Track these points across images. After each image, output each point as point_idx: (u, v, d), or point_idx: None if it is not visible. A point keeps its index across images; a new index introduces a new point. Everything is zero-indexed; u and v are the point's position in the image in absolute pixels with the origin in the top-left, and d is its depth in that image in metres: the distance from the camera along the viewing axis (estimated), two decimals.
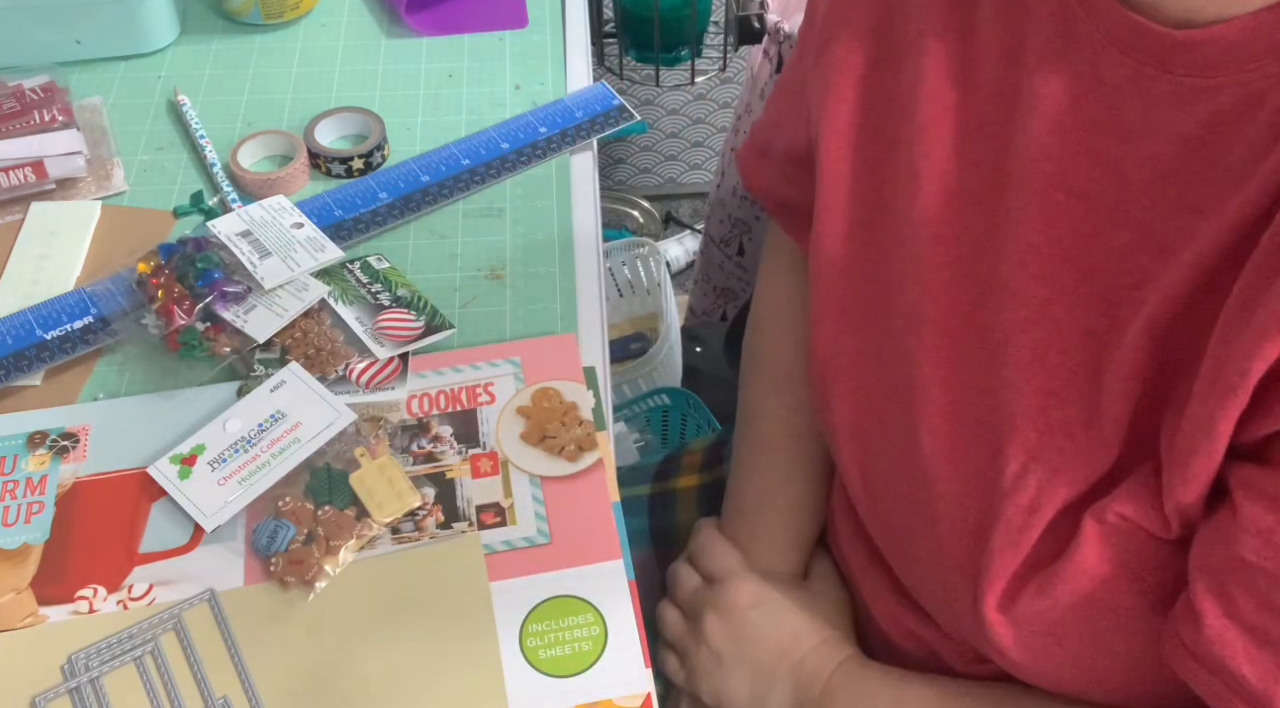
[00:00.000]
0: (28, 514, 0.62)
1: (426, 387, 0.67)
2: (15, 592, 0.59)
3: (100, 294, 0.71)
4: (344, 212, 0.77)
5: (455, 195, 0.79)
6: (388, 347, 0.68)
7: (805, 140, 0.66)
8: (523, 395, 0.67)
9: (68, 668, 0.56)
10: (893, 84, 0.58)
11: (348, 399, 0.66)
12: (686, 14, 1.43)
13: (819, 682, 0.63)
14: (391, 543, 0.61)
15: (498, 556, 0.60)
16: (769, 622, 0.66)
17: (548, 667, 0.56)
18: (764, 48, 1.17)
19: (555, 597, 0.58)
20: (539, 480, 0.63)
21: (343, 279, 0.72)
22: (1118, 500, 0.48)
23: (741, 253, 1.29)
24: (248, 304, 0.69)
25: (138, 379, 0.68)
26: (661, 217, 1.84)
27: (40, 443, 0.64)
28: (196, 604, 0.58)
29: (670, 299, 1.47)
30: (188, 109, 0.85)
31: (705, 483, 0.87)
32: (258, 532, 0.60)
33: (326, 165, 0.81)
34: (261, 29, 0.93)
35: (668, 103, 1.91)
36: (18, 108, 0.80)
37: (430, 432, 0.65)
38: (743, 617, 0.66)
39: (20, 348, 0.68)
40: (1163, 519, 0.47)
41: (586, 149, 0.83)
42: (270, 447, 0.63)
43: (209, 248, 0.71)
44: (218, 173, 0.80)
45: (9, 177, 0.77)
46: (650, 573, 0.82)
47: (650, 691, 0.55)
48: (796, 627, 0.65)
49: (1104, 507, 0.48)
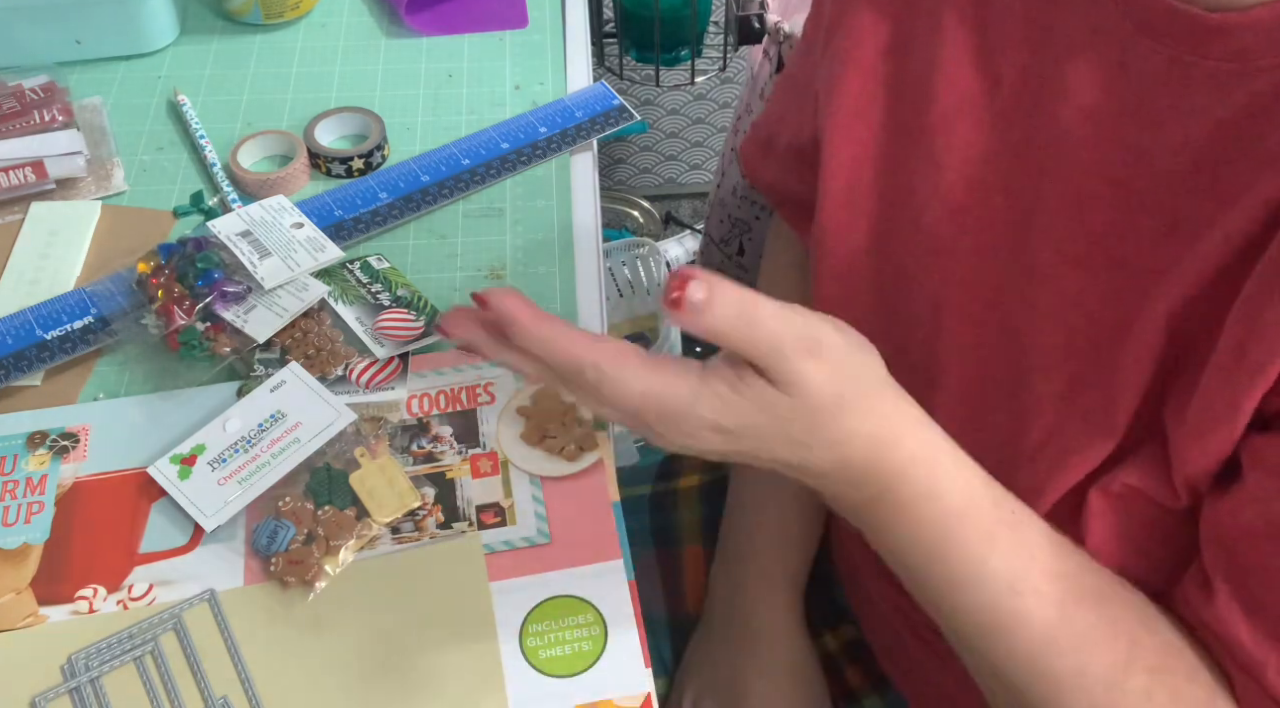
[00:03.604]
0: (28, 514, 0.62)
1: (426, 387, 0.67)
2: (15, 592, 0.59)
3: (100, 294, 0.71)
4: (344, 212, 0.77)
5: (455, 195, 0.79)
6: (388, 347, 0.68)
7: (810, 133, 0.67)
8: (523, 395, 0.67)
9: (68, 668, 0.56)
10: (903, 74, 0.57)
11: (348, 399, 0.66)
12: (686, 14, 1.43)
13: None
14: (391, 543, 0.61)
15: (498, 556, 0.60)
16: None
17: (548, 667, 0.56)
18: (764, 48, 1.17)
19: (555, 597, 0.58)
20: (539, 480, 0.63)
21: (343, 279, 0.72)
22: (1124, 472, 0.49)
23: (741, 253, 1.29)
24: (248, 304, 0.69)
25: (138, 379, 0.68)
26: (661, 217, 1.84)
27: (40, 443, 0.64)
28: (196, 604, 0.58)
29: None
30: (188, 109, 0.85)
31: (706, 482, 0.87)
32: (258, 532, 0.60)
33: (326, 165, 0.81)
34: (261, 29, 0.93)
35: (668, 103, 1.91)
36: (18, 108, 0.80)
37: (430, 432, 0.65)
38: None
39: (20, 348, 0.68)
40: (1171, 490, 0.47)
41: (586, 149, 0.83)
42: (270, 447, 0.63)
43: (209, 248, 0.71)
44: (218, 173, 0.80)
45: (9, 177, 0.77)
46: (650, 573, 0.82)
47: (650, 691, 0.55)
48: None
49: (1111, 479, 0.49)
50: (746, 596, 0.76)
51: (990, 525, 0.47)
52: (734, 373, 0.43)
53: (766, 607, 0.75)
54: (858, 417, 0.44)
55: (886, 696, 0.77)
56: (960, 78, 0.55)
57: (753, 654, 0.74)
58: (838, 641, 0.79)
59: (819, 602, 0.78)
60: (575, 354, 0.42)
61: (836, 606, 0.80)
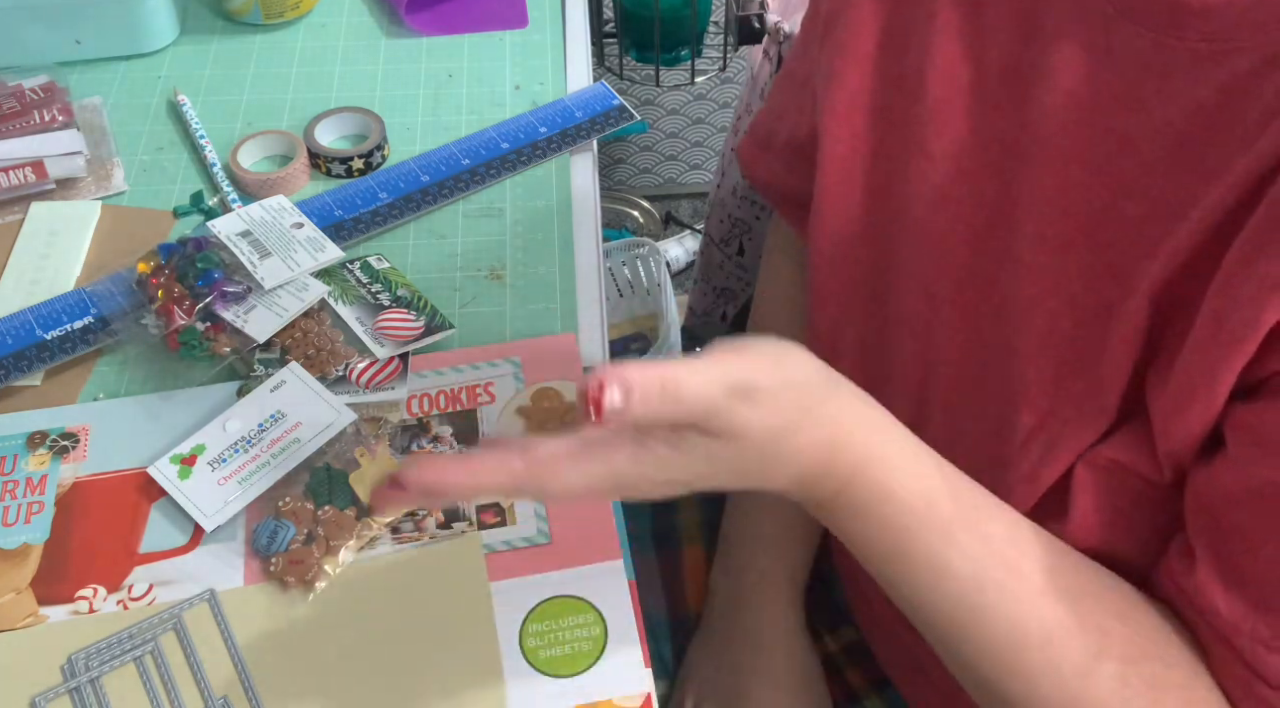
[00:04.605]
0: (28, 514, 0.62)
1: (426, 387, 0.67)
2: (15, 592, 0.59)
3: (100, 294, 0.71)
4: (344, 212, 0.77)
5: (455, 195, 0.79)
6: (388, 347, 0.68)
7: (808, 129, 0.67)
8: (523, 395, 0.67)
9: (68, 668, 0.56)
10: (899, 65, 0.58)
11: (348, 399, 0.66)
12: (686, 14, 1.43)
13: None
14: (391, 543, 0.61)
15: (498, 556, 0.60)
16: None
17: (547, 667, 0.56)
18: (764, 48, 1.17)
19: (555, 597, 0.58)
20: None
21: (343, 279, 0.72)
22: (1109, 447, 0.49)
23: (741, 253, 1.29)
24: (248, 304, 0.69)
25: (138, 379, 0.68)
26: (661, 217, 1.84)
27: (40, 443, 0.64)
28: (196, 604, 0.58)
29: (670, 299, 1.47)
30: (188, 109, 0.85)
31: None
32: (258, 532, 0.60)
33: (326, 165, 0.81)
34: (261, 29, 0.93)
35: (668, 103, 1.91)
36: (18, 108, 0.80)
37: (430, 432, 0.65)
38: None
39: (20, 348, 0.68)
40: (1155, 464, 0.47)
41: (586, 149, 0.83)
42: (270, 447, 0.63)
43: (209, 248, 0.71)
44: (218, 173, 0.80)
45: (9, 177, 0.77)
46: (650, 573, 0.82)
47: (650, 691, 0.55)
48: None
49: (1096, 453, 0.49)
50: (747, 596, 0.76)
51: (948, 523, 0.46)
52: (672, 432, 0.42)
53: (767, 608, 0.75)
54: (805, 432, 0.44)
55: (887, 697, 0.77)
56: (951, 66, 0.55)
57: (753, 655, 0.74)
58: (838, 642, 0.79)
59: (819, 603, 0.78)
60: (505, 484, 0.42)
61: (836, 606, 0.80)
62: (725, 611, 0.77)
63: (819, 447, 0.44)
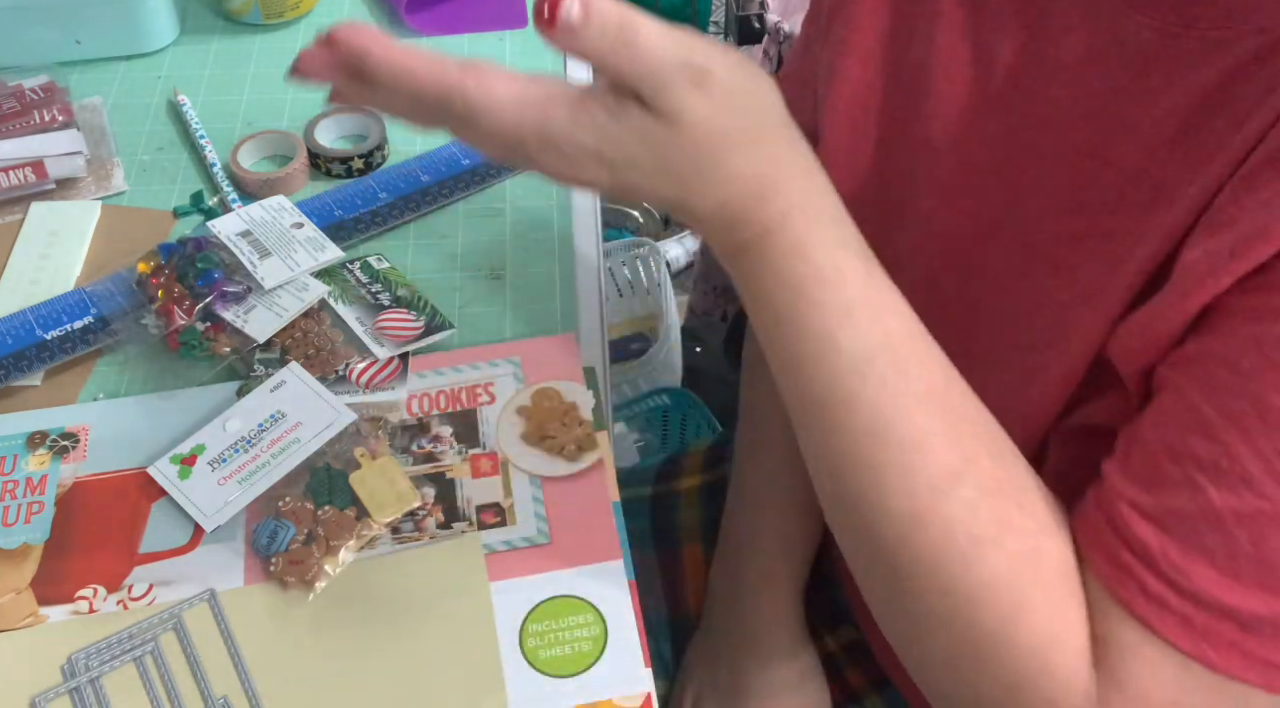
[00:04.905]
0: (28, 514, 0.62)
1: (426, 387, 0.67)
2: (15, 592, 0.59)
3: (100, 294, 0.71)
4: (344, 212, 0.77)
5: (455, 195, 0.79)
6: (388, 347, 0.68)
7: (809, 128, 0.67)
8: (523, 395, 0.67)
9: (68, 668, 0.56)
10: (902, 59, 0.58)
11: (348, 399, 0.66)
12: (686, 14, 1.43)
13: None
14: (391, 543, 0.61)
15: (498, 555, 0.60)
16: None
17: (548, 667, 0.56)
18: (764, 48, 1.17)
19: (555, 597, 0.58)
20: (539, 480, 0.63)
21: (343, 279, 0.72)
22: (1084, 404, 0.49)
23: None
24: (248, 304, 0.69)
25: (138, 379, 0.68)
26: (661, 216, 1.84)
27: (40, 443, 0.64)
28: (196, 604, 0.58)
29: (670, 299, 1.47)
30: (188, 109, 0.85)
31: (707, 483, 0.87)
32: (258, 532, 0.60)
33: (326, 165, 0.81)
34: (261, 29, 0.93)
35: None
36: (18, 108, 0.80)
37: (430, 432, 0.65)
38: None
39: (20, 348, 0.68)
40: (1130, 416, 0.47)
41: None
42: (270, 447, 0.63)
43: (209, 248, 0.71)
44: (218, 173, 0.80)
45: (9, 177, 0.77)
46: (650, 573, 0.82)
47: (650, 691, 0.55)
48: None
49: (1073, 415, 0.50)
50: (747, 596, 0.76)
51: (850, 300, 0.44)
52: (614, 99, 0.40)
53: (767, 607, 0.75)
54: (742, 156, 0.42)
55: (887, 697, 0.77)
56: (956, 62, 0.55)
57: (753, 655, 0.74)
58: (838, 641, 0.79)
59: (819, 602, 0.78)
60: (438, 81, 0.40)
61: (837, 606, 0.80)
62: (725, 611, 0.77)
63: (750, 181, 0.43)
